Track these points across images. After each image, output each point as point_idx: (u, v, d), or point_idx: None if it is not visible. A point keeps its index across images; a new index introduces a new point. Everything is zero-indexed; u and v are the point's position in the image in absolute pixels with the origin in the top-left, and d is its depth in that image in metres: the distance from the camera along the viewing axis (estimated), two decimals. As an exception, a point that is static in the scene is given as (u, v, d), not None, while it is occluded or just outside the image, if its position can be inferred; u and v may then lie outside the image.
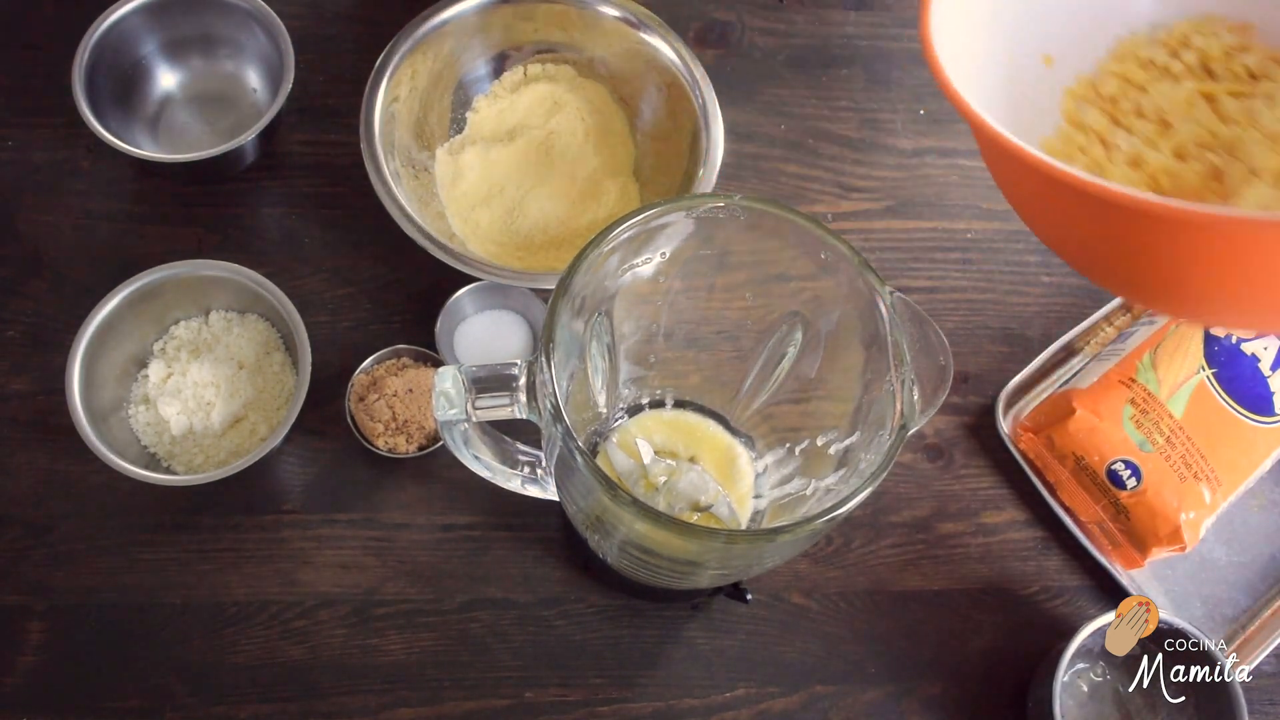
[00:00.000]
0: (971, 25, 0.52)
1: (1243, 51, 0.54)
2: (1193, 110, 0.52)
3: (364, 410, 0.71)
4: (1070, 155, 0.54)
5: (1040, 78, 0.56)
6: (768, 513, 0.64)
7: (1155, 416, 0.70)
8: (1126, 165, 0.52)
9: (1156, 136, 0.53)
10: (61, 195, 0.79)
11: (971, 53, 0.52)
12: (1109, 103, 0.56)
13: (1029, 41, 0.56)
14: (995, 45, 0.54)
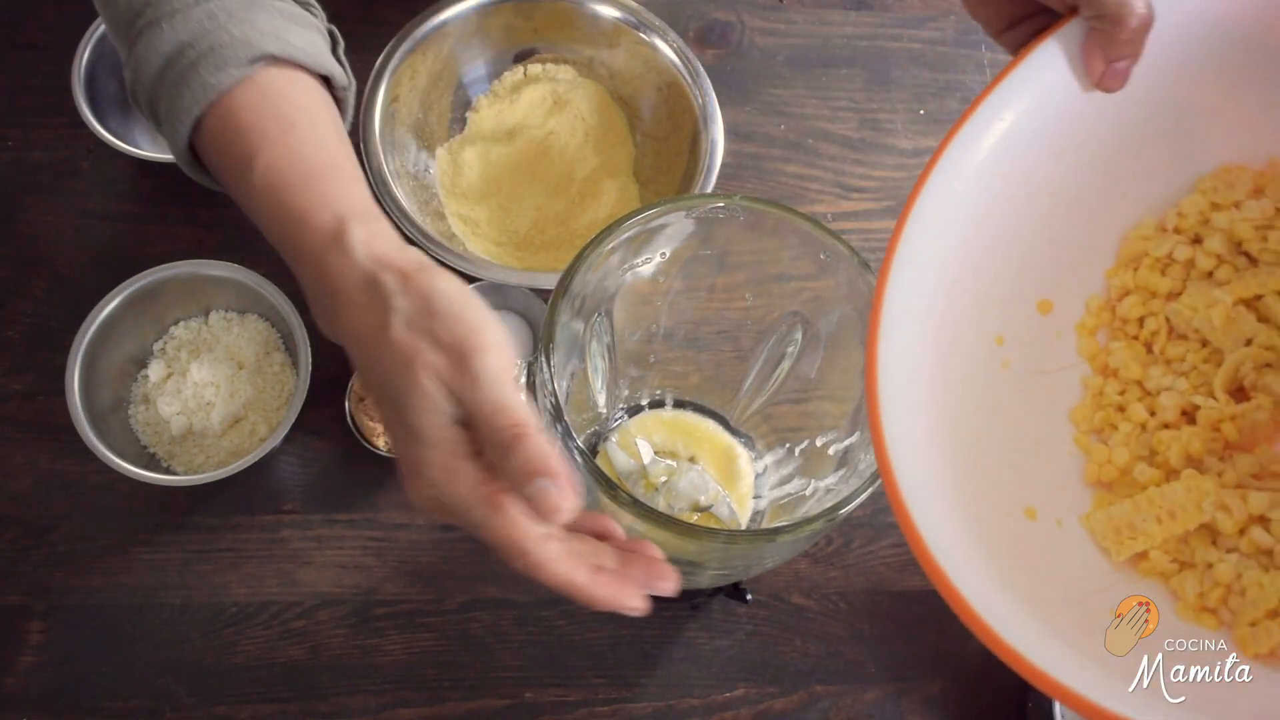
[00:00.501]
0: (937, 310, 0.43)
1: (1279, 220, 0.44)
2: (1238, 325, 0.43)
3: (364, 410, 0.71)
4: (1106, 423, 0.45)
5: (1043, 330, 0.46)
6: (768, 513, 0.64)
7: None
8: (1177, 418, 0.44)
9: (1202, 362, 0.44)
10: (61, 195, 0.79)
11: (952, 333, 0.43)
12: (1135, 326, 0.46)
13: (1015, 291, 0.46)
14: (964, 333, 0.44)
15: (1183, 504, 0.42)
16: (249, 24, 0.46)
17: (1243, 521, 0.41)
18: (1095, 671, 0.36)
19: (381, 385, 0.41)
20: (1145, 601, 0.65)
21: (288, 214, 0.45)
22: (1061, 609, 0.39)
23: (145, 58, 0.47)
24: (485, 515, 0.39)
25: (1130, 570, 0.43)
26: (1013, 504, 0.43)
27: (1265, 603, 0.39)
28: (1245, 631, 0.40)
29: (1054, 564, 0.42)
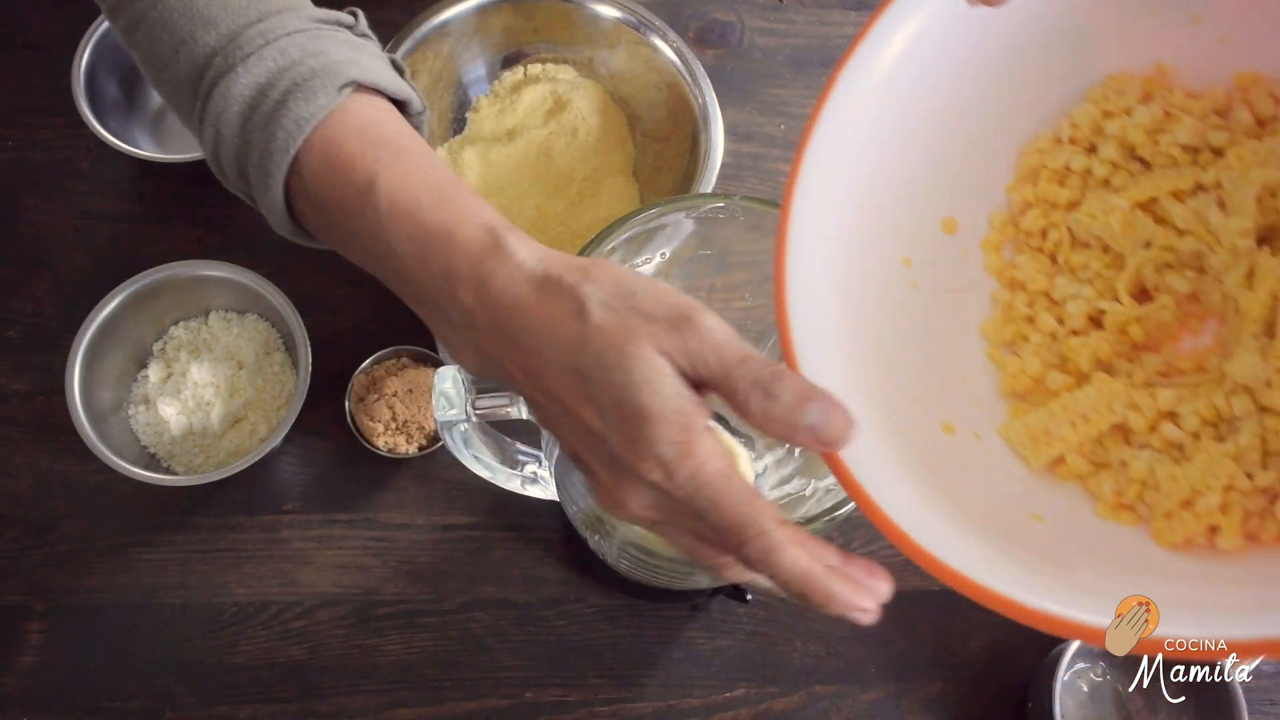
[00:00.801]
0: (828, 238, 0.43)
1: (1169, 123, 0.44)
2: (1136, 229, 0.44)
3: (364, 410, 0.71)
4: (1017, 335, 0.46)
5: (949, 249, 0.46)
6: (768, 513, 0.64)
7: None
8: (1085, 324, 0.44)
9: (1105, 269, 0.45)
10: (61, 195, 0.79)
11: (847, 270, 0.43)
12: (1038, 239, 0.46)
13: (919, 212, 0.46)
14: (862, 245, 0.44)
15: (1095, 407, 0.42)
16: (325, 55, 0.44)
17: (1153, 418, 0.42)
18: (1017, 570, 0.36)
19: (582, 384, 0.36)
20: (1145, 601, 0.65)
21: (428, 233, 0.40)
22: (982, 517, 0.39)
23: (223, 109, 0.44)
24: (719, 490, 0.35)
25: (1049, 475, 0.43)
26: (930, 420, 0.43)
27: (1178, 495, 0.40)
28: (1161, 524, 0.40)
29: (973, 474, 0.42)
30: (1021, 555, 0.37)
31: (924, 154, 0.45)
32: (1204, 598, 0.38)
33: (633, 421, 0.35)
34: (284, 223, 0.46)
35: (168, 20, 0.45)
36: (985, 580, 0.35)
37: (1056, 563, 0.38)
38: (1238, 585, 0.38)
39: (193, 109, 0.46)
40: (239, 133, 0.44)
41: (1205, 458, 0.40)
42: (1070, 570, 0.38)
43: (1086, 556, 0.40)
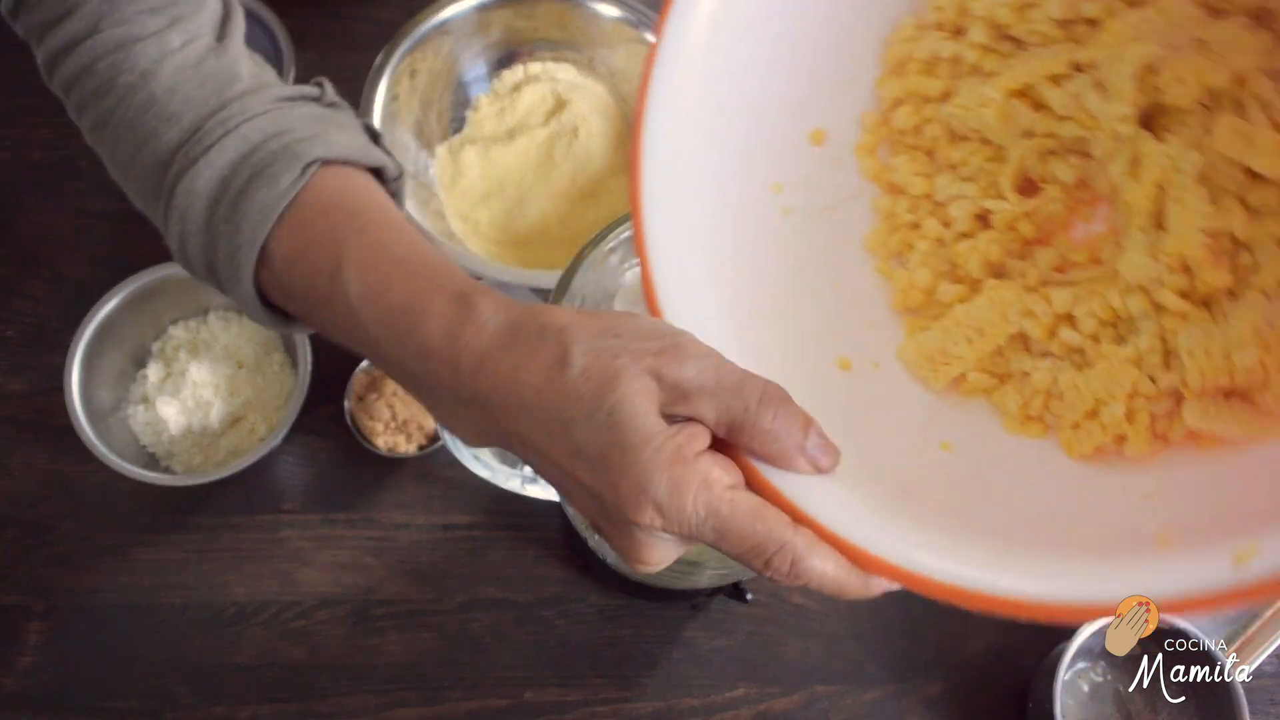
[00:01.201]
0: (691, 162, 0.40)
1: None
2: (1014, 119, 0.41)
3: (364, 410, 0.71)
4: (904, 245, 0.43)
5: (820, 163, 0.43)
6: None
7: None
8: (973, 226, 0.42)
9: (987, 162, 0.42)
10: (61, 195, 0.79)
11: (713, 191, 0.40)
12: (913, 136, 0.43)
13: (784, 130, 0.42)
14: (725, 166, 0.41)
15: (989, 319, 0.41)
16: (289, 134, 0.43)
17: (1050, 324, 0.40)
18: (927, 536, 0.35)
19: (567, 437, 0.34)
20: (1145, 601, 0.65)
21: (399, 310, 0.38)
22: (888, 465, 0.37)
23: (188, 206, 0.42)
24: (723, 517, 0.33)
25: (953, 394, 0.41)
26: (824, 360, 0.41)
27: (1083, 404, 0.38)
28: (1069, 435, 0.39)
29: (876, 411, 0.40)
30: (933, 514, 0.36)
31: (782, 68, 0.42)
32: (1119, 519, 0.36)
33: (618, 466, 0.33)
34: (260, 314, 0.44)
35: (132, 119, 0.44)
36: (893, 555, 0.34)
37: (965, 514, 0.36)
38: (1151, 501, 0.36)
39: (158, 208, 0.44)
40: (204, 228, 0.43)
41: (1107, 365, 0.38)
42: (986, 523, 0.36)
43: (999, 490, 0.38)
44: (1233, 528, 0.33)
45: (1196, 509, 0.35)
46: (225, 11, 0.47)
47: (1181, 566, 0.32)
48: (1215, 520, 0.34)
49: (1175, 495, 0.36)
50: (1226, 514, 0.34)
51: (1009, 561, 0.34)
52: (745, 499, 0.34)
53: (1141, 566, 0.33)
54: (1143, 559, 0.33)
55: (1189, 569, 0.32)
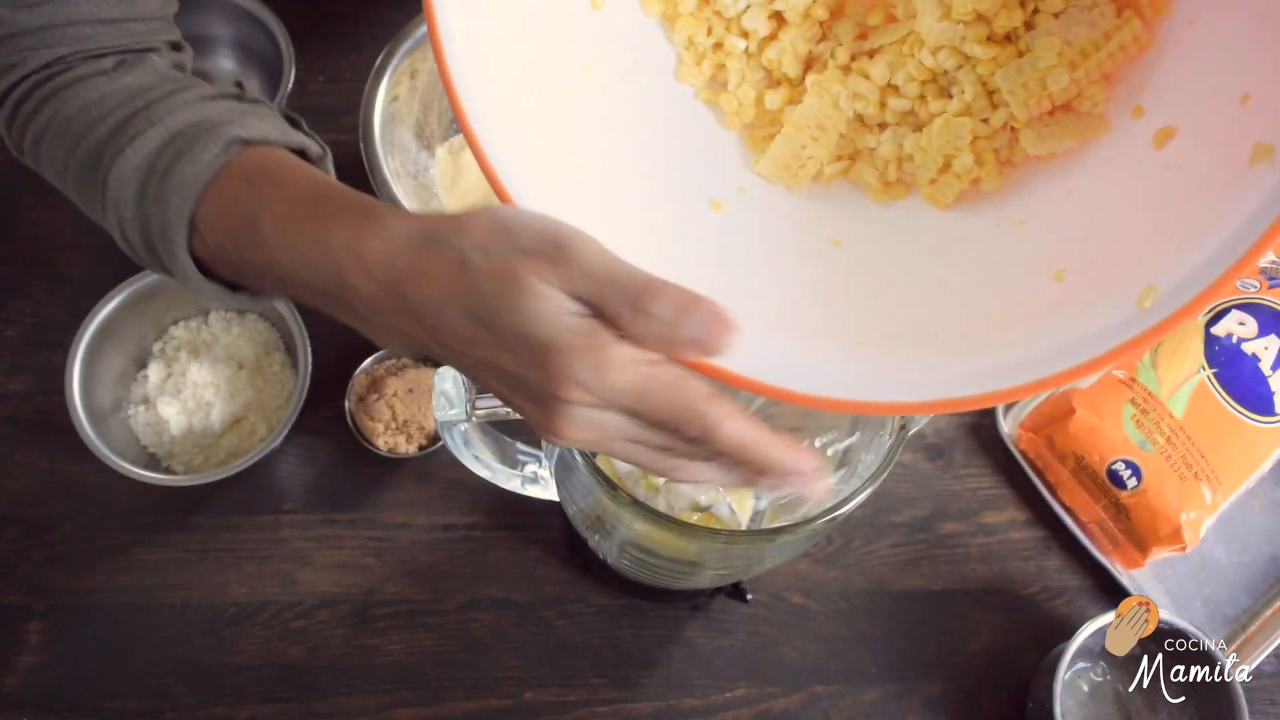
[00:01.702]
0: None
1: None
2: None
3: (364, 410, 0.71)
4: (717, 69, 0.44)
5: (607, 22, 0.44)
6: (767, 513, 0.64)
7: (1156, 416, 0.70)
8: (772, 28, 0.43)
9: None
10: (61, 195, 0.78)
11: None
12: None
13: (562, 7, 0.42)
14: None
15: (823, 112, 0.42)
16: (210, 121, 0.45)
17: (878, 98, 0.42)
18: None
19: (486, 331, 0.36)
20: (1145, 602, 0.65)
21: (310, 241, 0.41)
22: (795, 274, 0.40)
23: (119, 193, 0.45)
24: (644, 389, 0.35)
25: (817, 188, 0.43)
26: (695, 210, 0.42)
27: (933, 162, 0.41)
28: (930, 191, 0.42)
29: (759, 237, 0.42)
30: (846, 327, 0.38)
31: None
32: (1011, 267, 0.38)
33: (541, 355, 0.35)
34: (202, 285, 0.46)
35: (64, 128, 0.47)
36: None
37: (874, 313, 0.38)
38: (1028, 229, 0.39)
39: (96, 201, 0.47)
40: (136, 210, 0.45)
41: (942, 121, 0.41)
42: (896, 320, 0.38)
43: (894, 269, 0.40)
44: (1115, 255, 0.35)
45: (1069, 231, 0.38)
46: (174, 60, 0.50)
47: (1086, 315, 0.34)
48: (1092, 245, 0.37)
49: (1043, 216, 0.39)
50: (1098, 234, 0.37)
51: (941, 357, 0.36)
52: (667, 372, 0.35)
53: (1054, 325, 0.35)
54: (1053, 318, 0.35)
55: (1095, 318, 0.34)
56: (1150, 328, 0.32)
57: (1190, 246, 0.33)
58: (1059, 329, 0.35)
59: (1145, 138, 0.37)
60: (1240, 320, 0.72)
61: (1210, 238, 0.32)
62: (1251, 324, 0.72)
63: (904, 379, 0.36)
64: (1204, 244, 0.32)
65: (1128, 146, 0.38)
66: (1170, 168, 0.36)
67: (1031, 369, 0.34)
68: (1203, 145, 0.35)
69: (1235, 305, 0.73)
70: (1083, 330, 0.34)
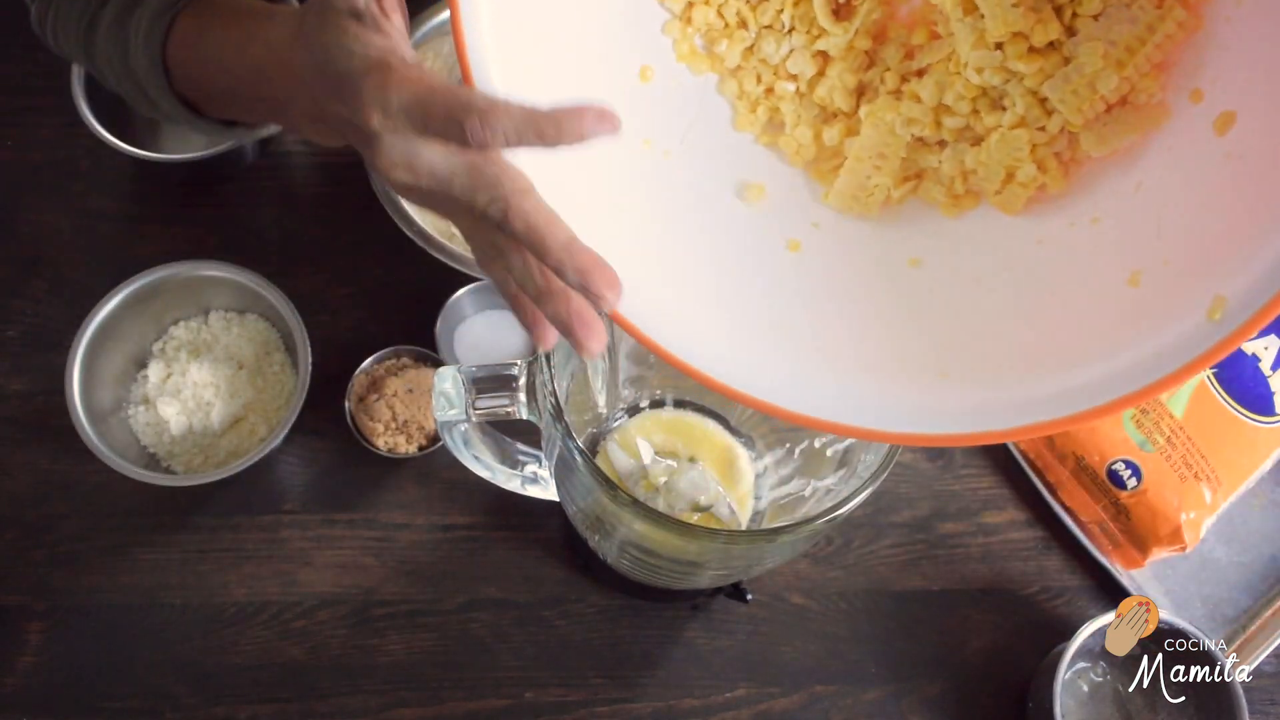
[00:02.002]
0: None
1: None
2: None
3: (364, 410, 0.71)
4: (773, 113, 0.45)
5: (661, 90, 0.45)
6: (767, 513, 0.64)
7: (1156, 416, 0.70)
8: (818, 68, 0.44)
9: (794, 7, 0.44)
10: (61, 195, 0.79)
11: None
12: (720, 22, 0.45)
13: (615, 81, 0.44)
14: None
15: (882, 142, 0.43)
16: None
17: (933, 119, 0.42)
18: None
19: (321, 81, 0.41)
20: (1145, 602, 0.65)
21: (233, 47, 0.49)
22: (886, 307, 0.41)
23: (107, 51, 0.53)
24: (428, 91, 0.37)
25: (891, 212, 0.44)
26: (775, 251, 0.43)
27: (996, 174, 0.41)
28: (998, 200, 0.42)
29: (842, 262, 0.43)
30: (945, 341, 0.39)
31: (582, 38, 0.43)
32: (1085, 266, 0.39)
33: (343, 86, 0.40)
34: (197, 122, 0.54)
35: (65, 11, 0.56)
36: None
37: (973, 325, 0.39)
38: (1101, 227, 0.39)
39: (80, 39, 0.55)
40: (123, 66, 0.53)
41: (999, 137, 0.41)
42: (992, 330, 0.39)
43: (973, 276, 0.41)
44: (1186, 254, 0.35)
45: (1142, 227, 0.38)
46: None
47: (1159, 327, 0.34)
48: (1165, 242, 0.36)
49: (1115, 213, 0.39)
50: (1170, 229, 0.36)
51: (1023, 381, 0.36)
52: (443, 83, 0.37)
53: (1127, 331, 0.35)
54: (1126, 331, 0.35)
55: (1167, 330, 0.34)
56: (1220, 341, 0.32)
57: (1257, 246, 0.32)
58: (1132, 344, 0.34)
59: (1207, 123, 0.36)
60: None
61: (1276, 237, 0.31)
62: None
63: (988, 406, 0.36)
64: (1271, 244, 0.32)
65: (1190, 134, 0.37)
66: (1233, 155, 0.35)
67: (1108, 388, 0.34)
68: (1263, 130, 0.34)
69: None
70: (1156, 344, 0.34)
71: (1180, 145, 0.38)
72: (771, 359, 0.40)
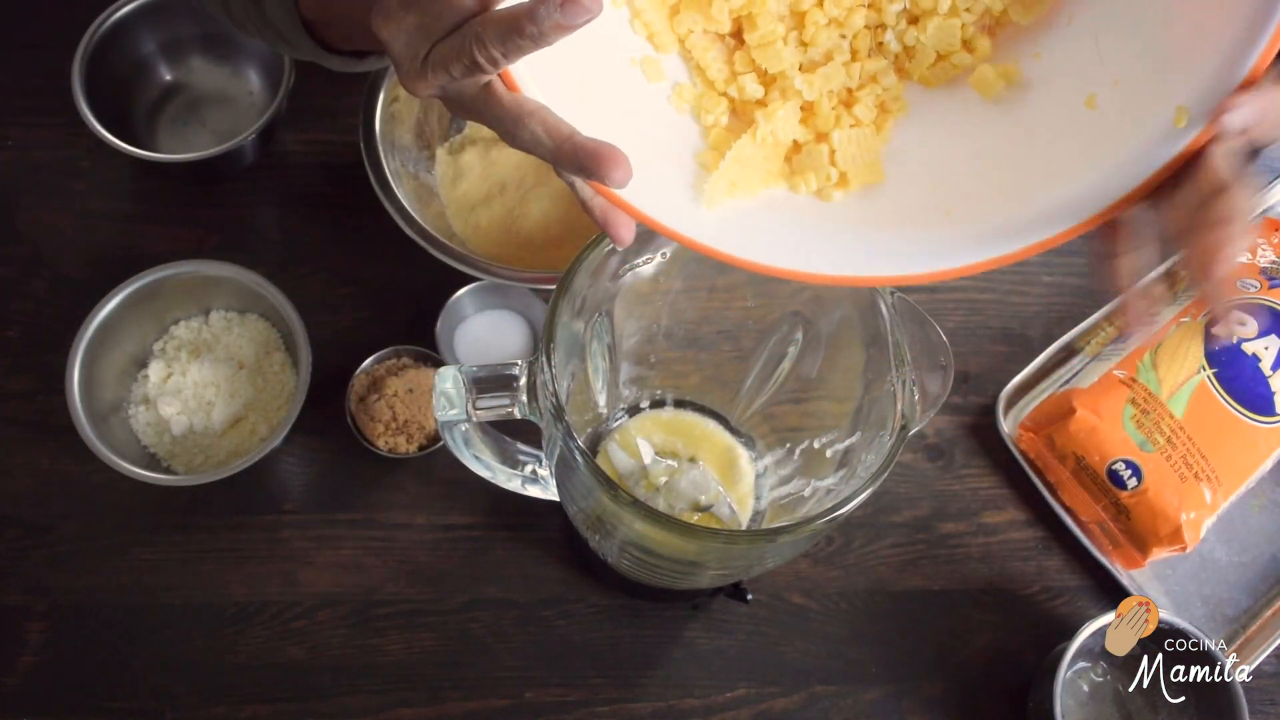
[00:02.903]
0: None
1: None
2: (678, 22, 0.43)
3: (364, 410, 0.71)
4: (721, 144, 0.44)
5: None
6: (768, 513, 0.64)
7: (1156, 416, 0.70)
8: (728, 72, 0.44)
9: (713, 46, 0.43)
10: (61, 195, 0.79)
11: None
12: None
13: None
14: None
15: (838, 76, 0.42)
16: None
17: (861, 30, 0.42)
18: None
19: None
20: (1145, 602, 0.65)
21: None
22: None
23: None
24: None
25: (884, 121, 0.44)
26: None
27: (929, 56, 0.42)
28: (930, 74, 0.42)
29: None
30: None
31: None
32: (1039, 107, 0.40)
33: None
34: (325, 57, 0.57)
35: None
36: None
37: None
38: (1042, 60, 0.40)
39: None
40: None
41: (936, 25, 0.41)
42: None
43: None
44: (1133, 71, 0.37)
45: (1082, 55, 0.39)
46: None
47: (1128, 133, 0.36)
48: (1108, 65, 0.38)
49: (1054, 49, 0.40)
50: (1109, 52, 0.38)
51: (1011, 206, 0.39)
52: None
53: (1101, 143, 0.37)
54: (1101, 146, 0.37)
55: (1135, 135, 0.36)
56: (1193, 140, 0.34)
57: (1201, 55, 0.34)
58: (1109, 153, 0.37)
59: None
60: (1240, 320, 0.72)
61: (1222, 37, 0.33)
62: (1252, 324, 0.72)
63: (993, 232, 0.39)
64: (1218, 46, 0.34)
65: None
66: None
67: (1102, 194, 0.37)
68: None
69: (1235, 305, 0.73)
70: (1131, 148, 0.36)
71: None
72: (792, 230, 0.41)
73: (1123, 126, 0.37)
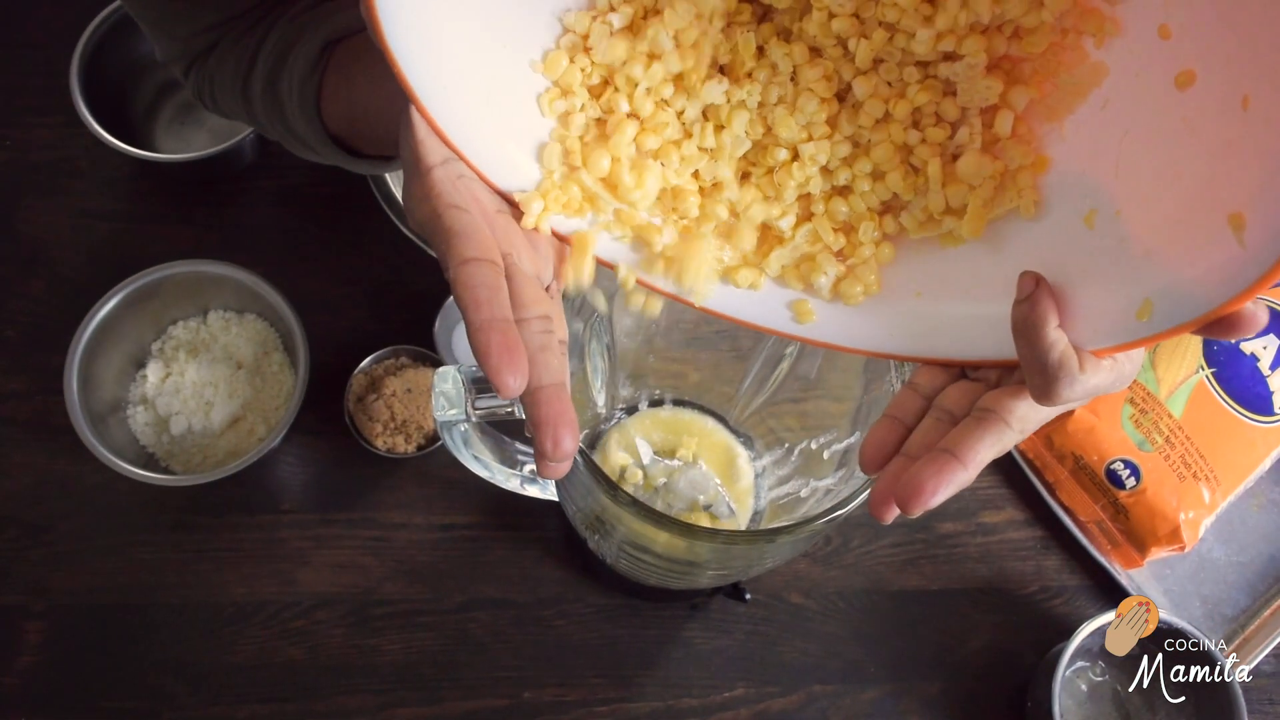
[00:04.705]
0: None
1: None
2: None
3: (363, 410, 0.71)
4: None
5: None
6: (766, 513, 0.64)
7: (1154, 416, 0.70)
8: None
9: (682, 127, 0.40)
10: (61, 195, 0.79)
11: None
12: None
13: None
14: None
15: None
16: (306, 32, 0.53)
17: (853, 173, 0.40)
18: None
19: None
20: (1145, 602, 0.65)
21: (378, 100, 0.50)
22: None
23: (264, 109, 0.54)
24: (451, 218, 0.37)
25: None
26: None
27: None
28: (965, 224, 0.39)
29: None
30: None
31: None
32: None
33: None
34: (352, 162, 0.55)
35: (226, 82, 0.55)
36: None
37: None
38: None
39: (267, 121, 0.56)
40: (283, 123, 0.54)
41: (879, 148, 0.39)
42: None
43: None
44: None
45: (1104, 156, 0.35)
46: None
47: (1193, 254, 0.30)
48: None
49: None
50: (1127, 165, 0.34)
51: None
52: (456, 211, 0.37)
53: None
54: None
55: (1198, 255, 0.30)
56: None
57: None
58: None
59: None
60: (1239, 320, 0.72)
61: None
62: (1250, 324, 0.72)
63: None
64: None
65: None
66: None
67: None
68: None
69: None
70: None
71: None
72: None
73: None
